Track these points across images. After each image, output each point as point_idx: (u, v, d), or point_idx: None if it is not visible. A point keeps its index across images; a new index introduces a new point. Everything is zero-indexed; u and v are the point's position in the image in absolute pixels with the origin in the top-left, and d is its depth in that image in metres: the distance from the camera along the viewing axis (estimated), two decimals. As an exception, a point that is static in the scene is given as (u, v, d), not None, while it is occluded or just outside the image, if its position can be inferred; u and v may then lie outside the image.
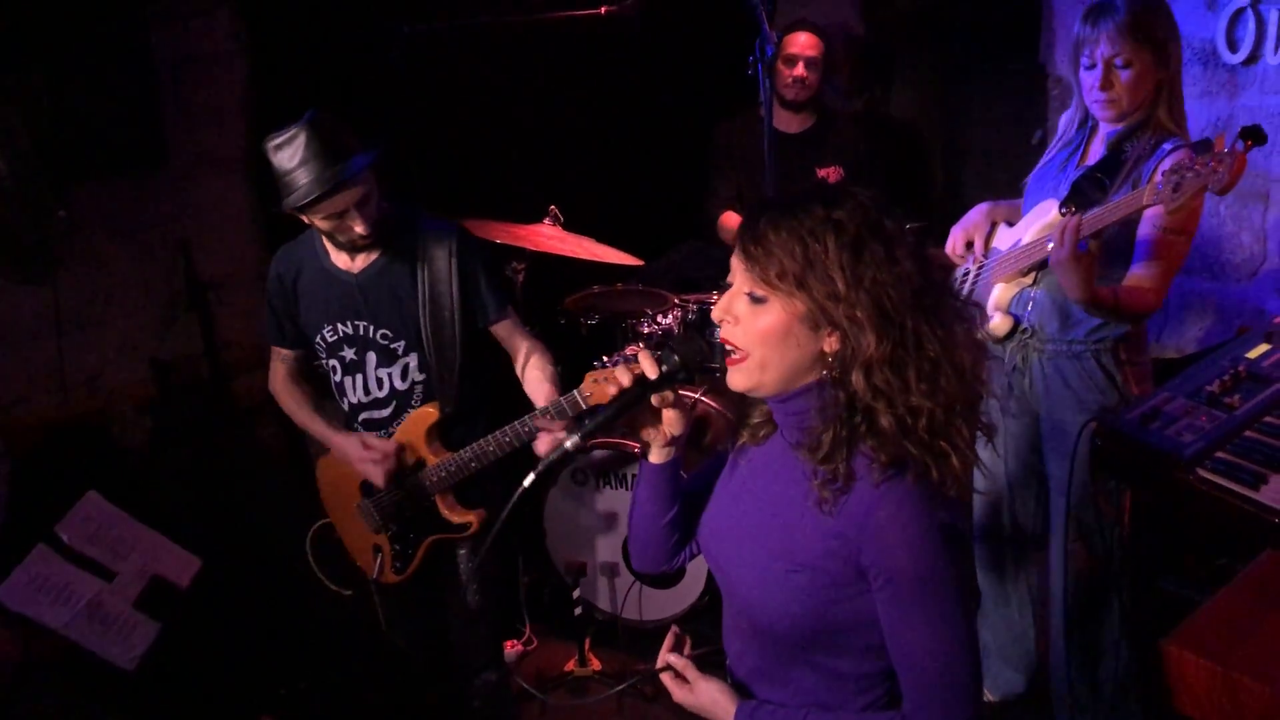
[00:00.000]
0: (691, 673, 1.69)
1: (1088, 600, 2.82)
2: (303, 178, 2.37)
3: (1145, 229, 2.45)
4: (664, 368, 1.56)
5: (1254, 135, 2.20)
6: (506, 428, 2.51)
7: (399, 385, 2.66)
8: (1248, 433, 2.13)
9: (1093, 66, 2.48)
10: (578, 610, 3.58)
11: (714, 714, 1.66)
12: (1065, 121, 2.72)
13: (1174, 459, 2.05)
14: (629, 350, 3.71)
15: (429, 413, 2.62)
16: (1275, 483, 1.99)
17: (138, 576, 2.78)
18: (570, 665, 3.55)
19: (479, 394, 2.68)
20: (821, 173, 4.15)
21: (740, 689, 1.67)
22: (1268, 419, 2.18)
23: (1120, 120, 2.53)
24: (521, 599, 3.73)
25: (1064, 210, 2.49)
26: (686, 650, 1.75)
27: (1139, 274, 2.44)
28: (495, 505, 2.69)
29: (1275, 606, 1.80)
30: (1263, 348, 2.41)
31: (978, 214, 2.88)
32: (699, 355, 1.56)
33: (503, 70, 4.32)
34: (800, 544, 1.50)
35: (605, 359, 2.17)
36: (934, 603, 1.43)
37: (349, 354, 2.67)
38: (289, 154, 2.37)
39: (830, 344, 1.45)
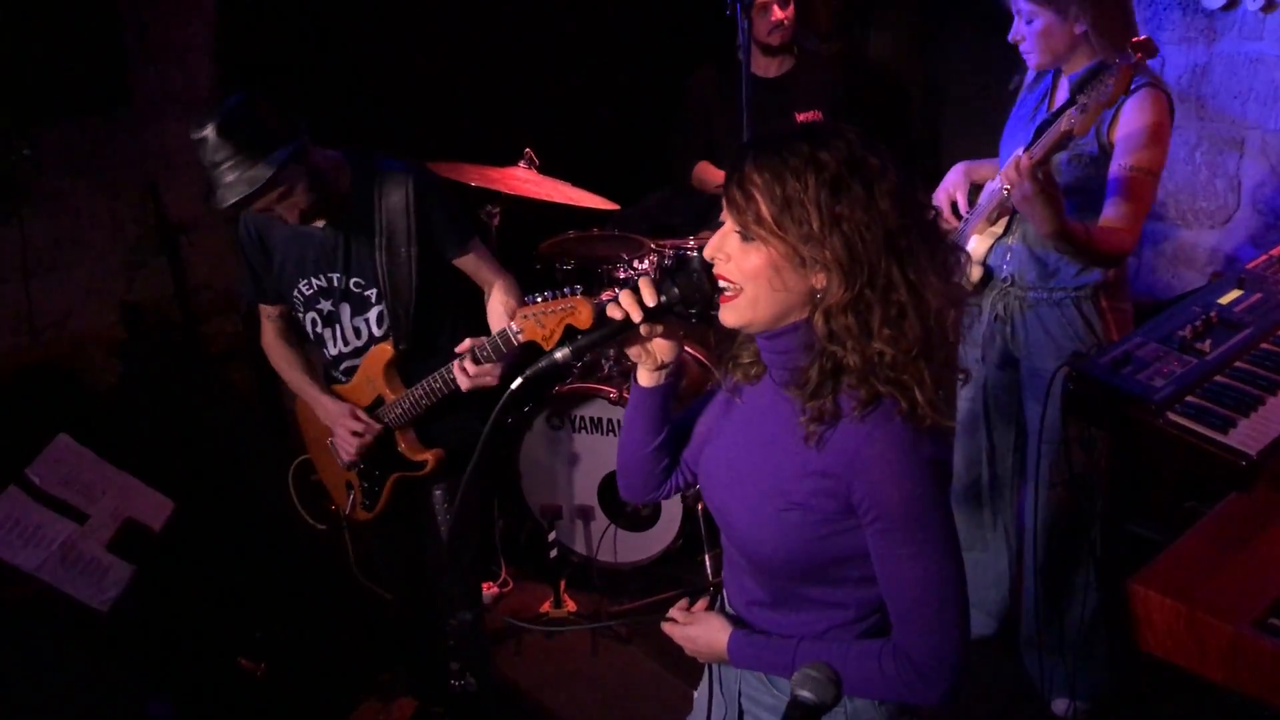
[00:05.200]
0: (688, 615, 1.74)
1: (1059, 544, 2.86)
2: (221, 179, 2.31)
3: (1114, 170, 2.46)
4: (662, 298, 1.58)
5: (1143, 48, 2.25)
6: (450, 364, 2.49)
7: (375, 332, 2.64)
8: (1218, 377, 2.16)
9: (1013, 18, 2.55)
10: (553, 553, 3.61)
11: (709, 642, 1.70)
12: (1029, 75, 2.74)
13: (1145, 403, 2.06)
14: (604, 295, 3.69)
15: (385, 349, 2.62)
16: (1244, 426, 2.01)
17: (110, 519, 2.77)
18: (545, 607, 3.58)
19: (439, 331, 2.66)
20: (800, 117, 4.12)
21: (738, 622, 1.71)
22: (1238, 364, 2.20)
23: (1050, 67, 2.58)
24: (497, 541, 3.75)
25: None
26: (689, 605, 1.79)
27: (1109, 214, 2.46)
28: (452, 445, 2.70)
29: (1240, 547, 1.83)
30: (1234, 293, 2.43)
31: (955, 174, 2.88)
32: (698, 292, 1.56)
33: (479, 8, 4.25)
34: (792, 482, 1.52)
35: (537, 295, 2.14)
36: (923, 536, 1.47)
37: (326, 306, 2.65)
38: (208, 151, 2.31)
39: (819, 281, 1.45)
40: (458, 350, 2.44)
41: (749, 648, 1.66)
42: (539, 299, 2.15)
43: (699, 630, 1.72)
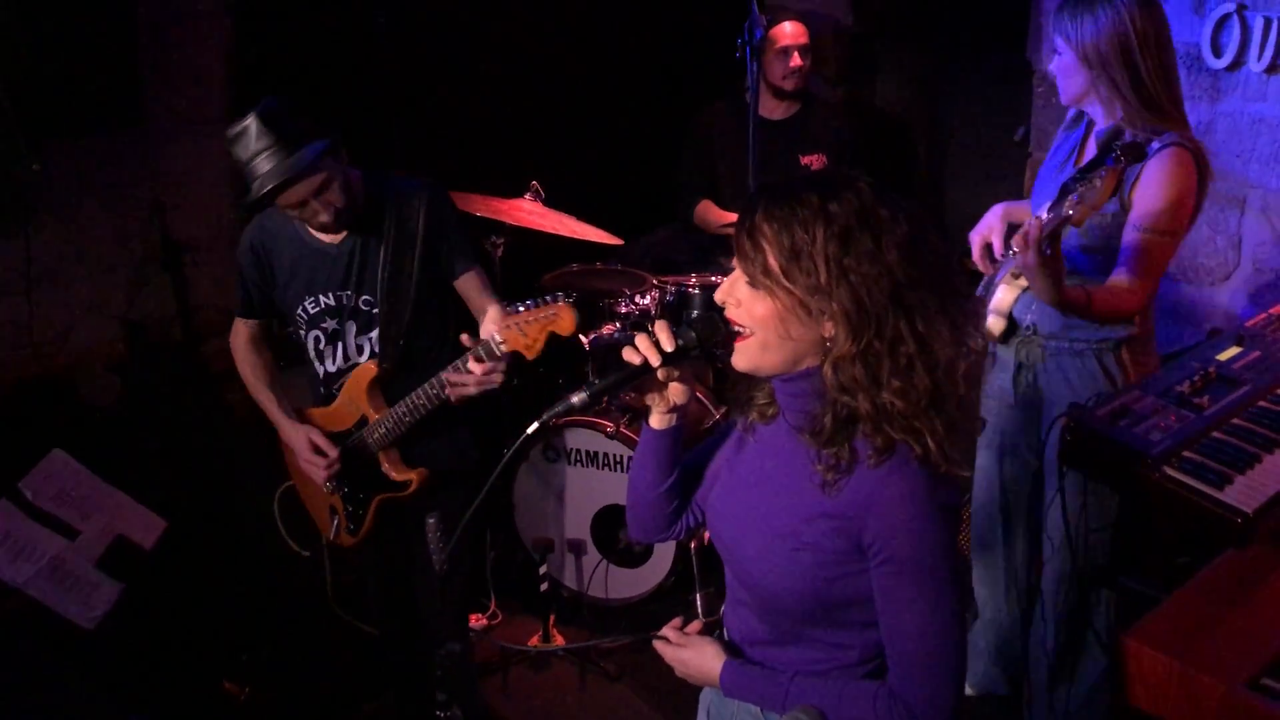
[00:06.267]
0: (682, 636, 1.74)
1: (1068, 598, 2.83)
2: (259, 169, 2.36)
3: (1129, 232, 2.44)
4: (680, 342, 1.59)
5: (1130, 153, 2.19)
6: (432, 379, 2.48)
7: (378, 350, 2.65)
8: (1215, 433, 2.16)
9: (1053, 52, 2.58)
10: (544, 586, 3.59)
11: (701, 667, 1.70)
12: (1070, 113, 2.73)
13: (1142, 456, 2.07)
14: (606, 329, 3.70)
15: (369, 369, 2.62)
16: (1240, 484, 2.01)
17: (101, 536, 2.76)
18: (534, 640, 3.56)
19: (430, 356, 2.65)
20: (805, 160, 4.15)
21: (734, 651, 1.71)
22: (1235, 421, 2.20)
23: (1070, 104, 2.60)
24: (488, 573, 3.73)
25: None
26: (684, 625, 1.79)
27: (1117, 275, 2.43)
28: (435, 464, 2.69)
29: (1233, 605, 1.82)
30: (1233, 350, 2.43)
31: (993, 215, 2.83)
32: (716, 334, 1.57)
33: (490, 41, 4.30)
34: (805, 524, 1.53)
35: (519, 304, 2.13)
36: (929, 584, 1.47)
37: (331, 324, 2.66)
38: (243, 146, 2.37)
39: (827, 330, 1.46)
40: (445, 372, 2.43)
41: (743, 677, 1.65)
42: (521, 307, 2.14)
43: (692, 654, 1.71)
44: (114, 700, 2.78)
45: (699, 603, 3.52)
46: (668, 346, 1.58)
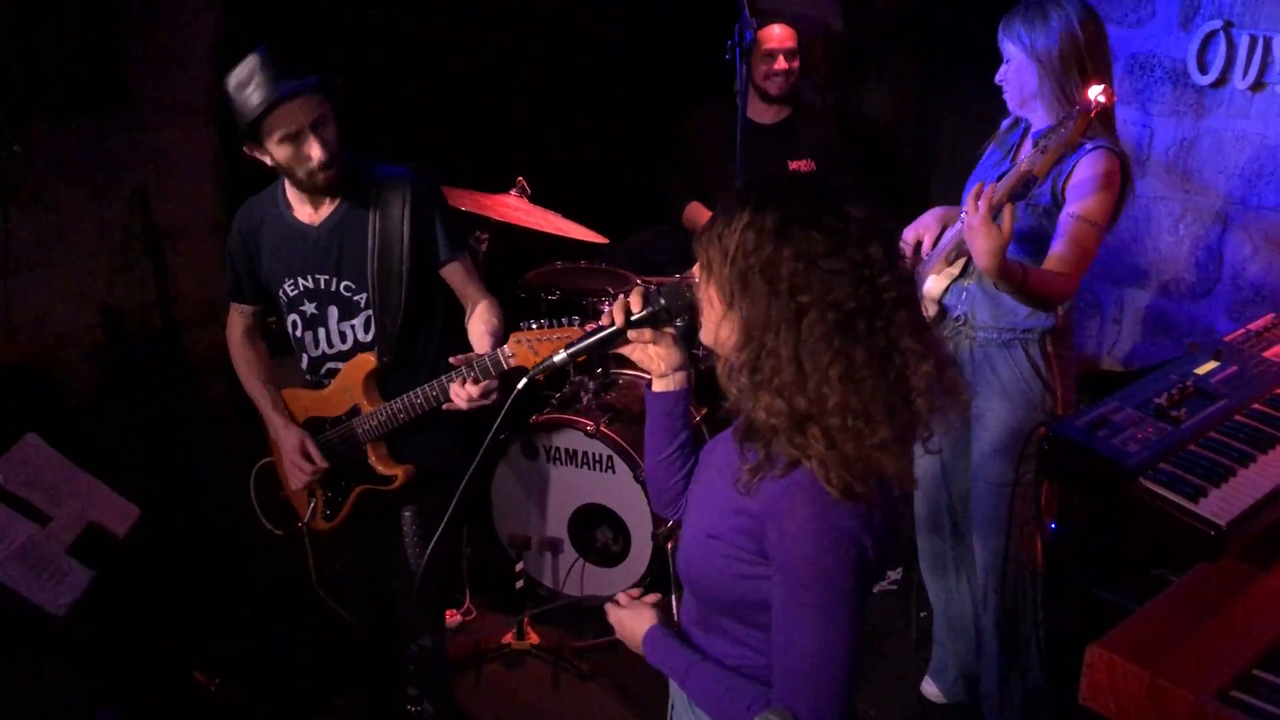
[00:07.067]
0: (630, 601, 1.81)
1: (1008, 598, 2.86)
2: (256, 95, 2.35)
3: (1062, 218, 2.54)
4: (648, 308, 1.73)
5: (1104, 95, 2.37)
6: (434, 381, 2.48)
7: (362, 338, 2.63)
8: (1191, 446, 2.17)
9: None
10: (519, 584, 3.58)
11: (634, 629, 1.76)
12: (1005, 123, 2.85)
13: (1119, 467, 2.08)
14: (589, 326, 3.69)
15: (368, 360, 2.61)
16: (1214, 496, 2.02)
17: (74, 522, 2.72)
18: (508, 638, 3.55)
19: (423, 346, 2.66)
20: (793, 165, 4.16)
21: (681, 635, 1.75)
22: (1211, 434, 2.22)
23: (1019, 107, 2.69)
24: (464, 569, 3.72)
25: None
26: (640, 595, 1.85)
27: (1051, 259, 2.52)
28: (423, 462, 2.68)
29: (1206, 618, 1.84)
30: (1211, 365, 2.45)
31: (929, 216, 2.96)
32: (680, 302, 1.72)
33: (481, 35, 4.28)
34: (722, 515, 1.58)
35: (533, 322, 2.17)
36: (812, 602, 1.46)
37: (310, 308, 2.65)
38: (243, 75, 2.36)
39: (725, 332, 1.53)
40: (452, 361, 2.42)
41: (661, 646, 1.71)
42: (534, 325, 2.17)
43: (630, 615, 1.77)
44: (82, 690, 2.76)
45: (674, 604, 3.51)
46: (635, 309, 1.71)
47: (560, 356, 1.75)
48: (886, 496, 1.50)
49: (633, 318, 1.72)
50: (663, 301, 1.73)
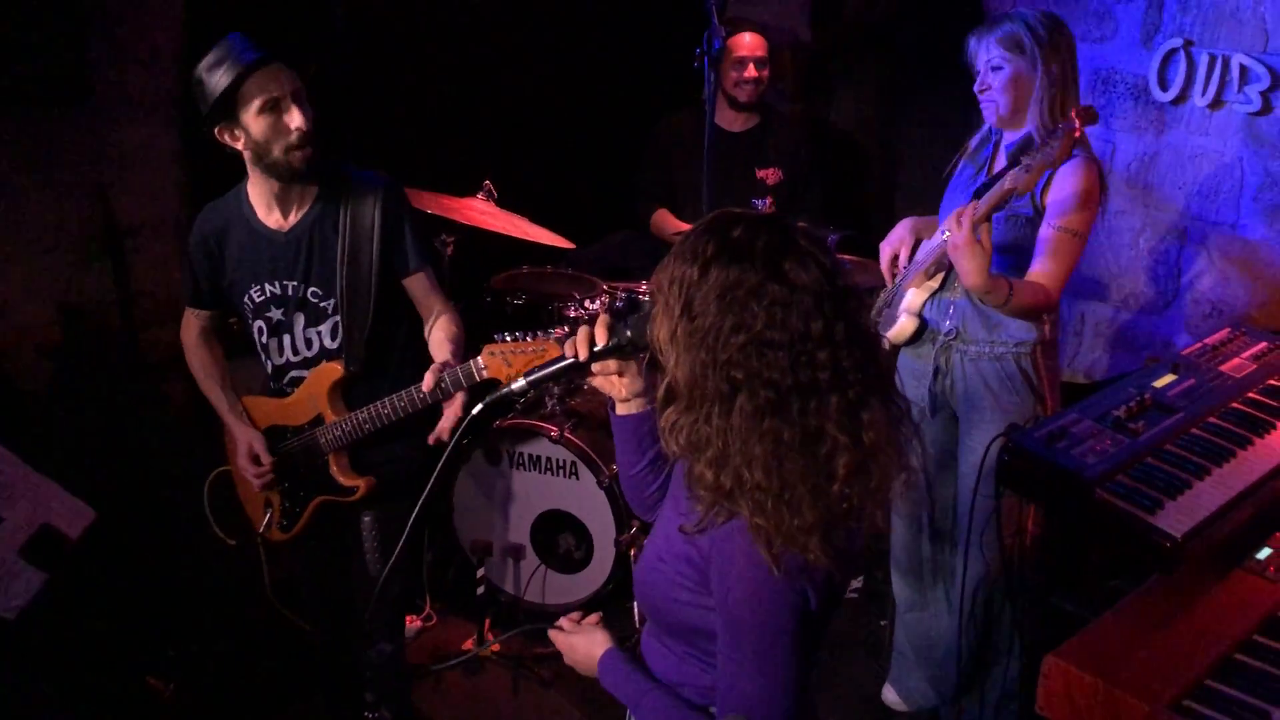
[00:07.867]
0: (575, 626, 1.80)
1: (985, 609, 2.88)
2: (230, 69, 2.32)
3: (1044, 229, 2.58)
4: (613, 340, 1.67)
5: (1086, 115, 2.39)
6: (403, 392, 2.46)
7: (329, 344, 2.60)
8: (1149, 459, 2.19)
9: (977, 73, 2.70)
10: (480, 590, 3.56)
11: (588, 653, 1.75)
12: (975, 140, 2.86)
13: (1077, 479, 2.09)
14: (558, 332, 3.68)
15: (334, 369, 2.58)
16: (1171, 509, 2.04)
17: (26, 524, 2.68)
18: (468, 644, 3.52)
19: (389, 355, 2.63)
20: (761, 174, 4.17)
21: (636, 655, 1.76)
22: (1168, 447, 2.24)
23: (1005, 124, 2.69)
24: (424, 575, 3.69)
25: None
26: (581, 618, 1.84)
27: (1035, 269, 2.57)
28: (384, 473, 2.66)
29: (1161, 629, 1.85)
30: (1168, 378, 2.48)
31: (902, 229, 2.98)
32: (646, 337, 1.60)
33: (449, 36, 4.26)
34: (667, 540, 1.60)
35: (505, 335, 2.16)
36: (757, 650, 1.46)
37: (276, 315, 2.61)
38: (213, 58, 2.34)
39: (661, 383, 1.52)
40: (426, 377, 2.39)
41: (616, 670, 1.70)
42: (509, 338, 2.16)
43: (583, 639, 1.77)
44: (34, 694, 2.71)
45: (635, 610, 3.51)
46: (600, 342, 1.66)
47: (519, 384, 1.71)
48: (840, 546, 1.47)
49: (596, 349, 1.67)
50: (629, 334, 1.65)
